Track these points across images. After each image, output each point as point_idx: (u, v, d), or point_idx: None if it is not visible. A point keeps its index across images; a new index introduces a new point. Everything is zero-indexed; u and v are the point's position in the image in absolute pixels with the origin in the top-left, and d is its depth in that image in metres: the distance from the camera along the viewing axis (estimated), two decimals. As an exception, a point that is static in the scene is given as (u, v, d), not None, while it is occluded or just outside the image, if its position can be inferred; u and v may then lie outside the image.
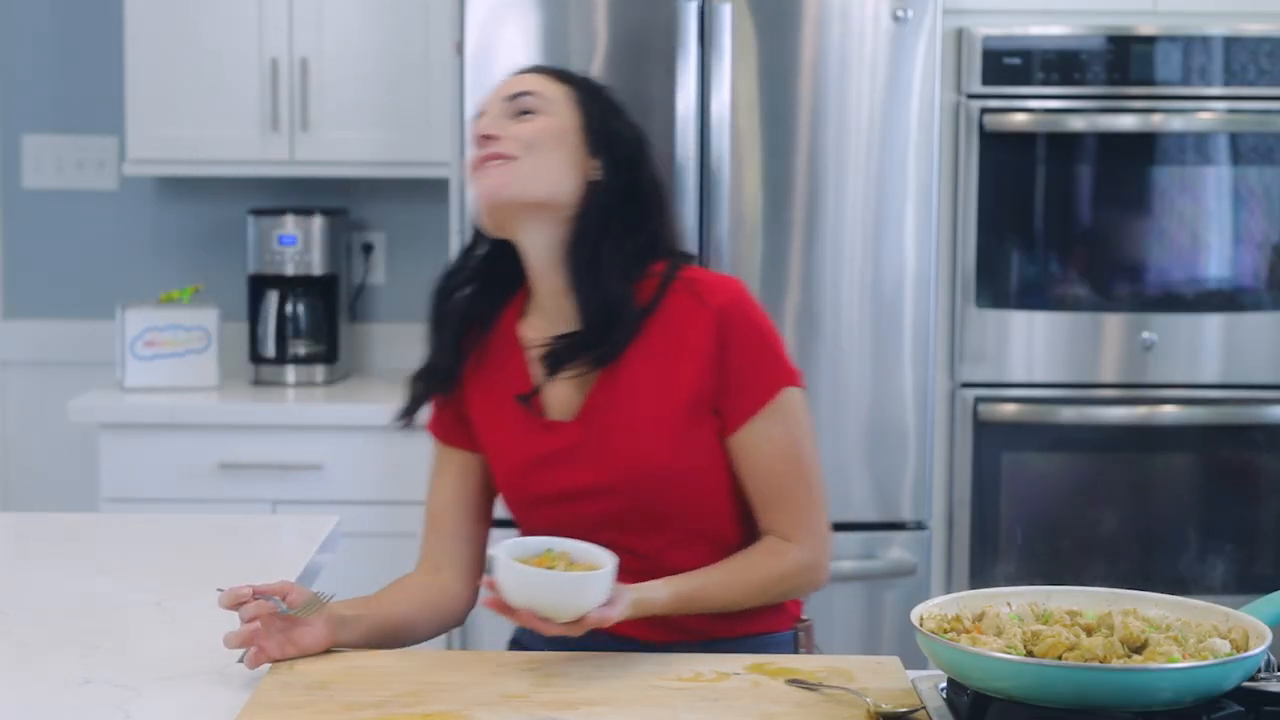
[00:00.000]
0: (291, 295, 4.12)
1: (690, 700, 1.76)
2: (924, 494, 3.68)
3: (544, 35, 3.58)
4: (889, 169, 3.63)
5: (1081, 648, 1.62)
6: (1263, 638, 1.64)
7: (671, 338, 2.09)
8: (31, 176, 4.38)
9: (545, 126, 2.11)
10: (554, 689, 1.79)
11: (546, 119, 2.12)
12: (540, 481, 2.13)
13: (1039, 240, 3.81)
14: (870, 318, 3.64)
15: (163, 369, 3.98)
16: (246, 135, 4.03)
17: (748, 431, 2.09)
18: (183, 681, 1.83)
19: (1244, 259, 3.82)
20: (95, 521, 2.71)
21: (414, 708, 1.72)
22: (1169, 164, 3.78)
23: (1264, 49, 3.75)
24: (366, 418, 3.82)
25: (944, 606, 1.76)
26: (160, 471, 3.80)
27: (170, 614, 2.11)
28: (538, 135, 2.10)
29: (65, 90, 4.35)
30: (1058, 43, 3.74)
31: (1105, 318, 3.80)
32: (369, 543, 3.79)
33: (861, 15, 3.60)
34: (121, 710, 1.73)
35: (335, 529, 2.61)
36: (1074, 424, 3.80)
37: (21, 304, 4.41)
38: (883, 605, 3.65)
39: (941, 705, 1.72)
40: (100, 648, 1.95)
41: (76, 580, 2.27)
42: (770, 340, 2.12)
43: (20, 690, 1.80)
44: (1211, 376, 3.81)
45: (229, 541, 2.54)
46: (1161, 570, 3.83)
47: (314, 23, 4.00)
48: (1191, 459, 3.83)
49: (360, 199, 4.35)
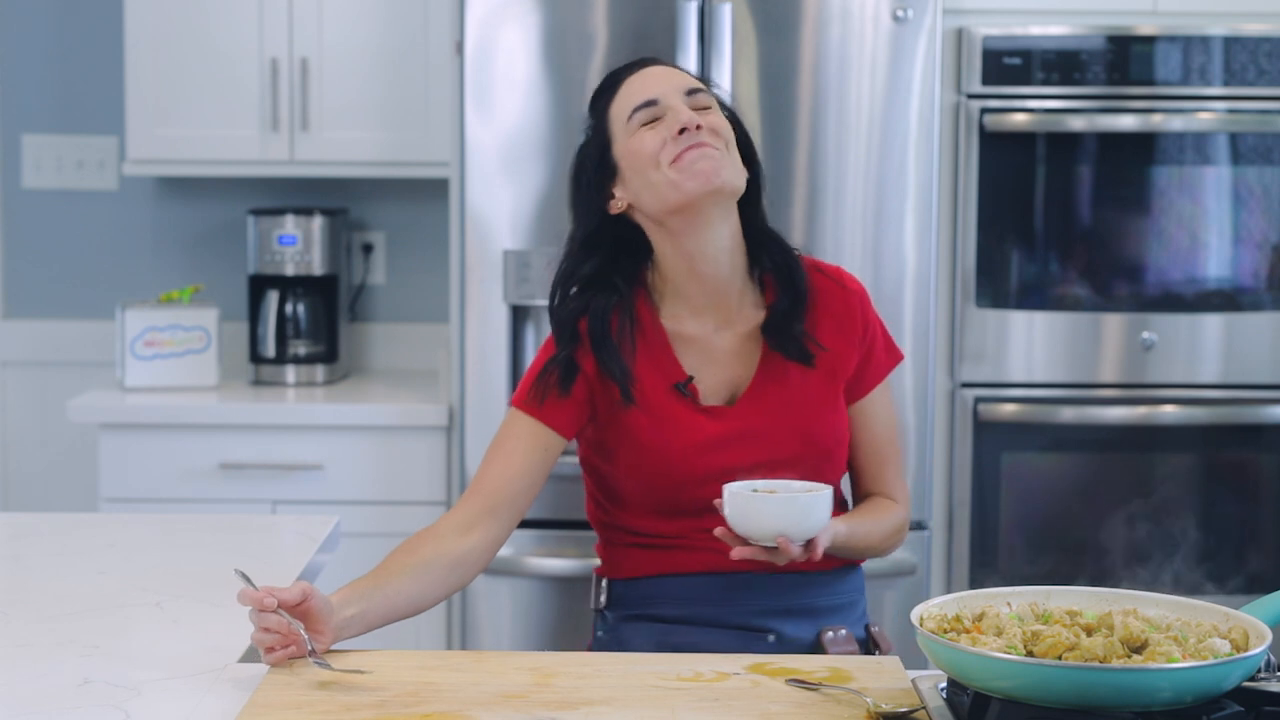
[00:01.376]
0: (291, 295, 4.12)
1: (690, 700, 1.76)
2: (924, 494, 3.68)
3: (544, 35, 3.59)
4: (889, 169, 3.63)
5: (1081, 648, 1.62)
6: (1263, 638, 1.64)
7: (821, 314, 2.29)
8: (31, 176, 4.38)
9: (726, 124, 2.24)
10: (554, 689, 1.79)
11: (722, 116, 2.25)
12: (706, 463, 2.21)
13: (1039, 240, 3.81)
14: (870, 318, 3.63)
15: (163, 369, 3.98)
16: (246, 135, 4.03)
17: (870, 400, 2.33)
18: (183, 681, 1.83)
19: (1244, 259, 3.81)
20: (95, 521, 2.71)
21: (413, 708, 1.72)
22: (1169, 164, 3.78)
23: (1264, 49, 3.75)
24: (366, 418, 3.82)
25: (944, 606, 1.76)
26: (160, 471, 3.80)
27: (170, 614, 2.11)
28: (727, 130, 2.23)
29: (65, 90, 4.35)
30: (1058, 43, 3.74)
31: (1105, 318, 3.80)
32: (369, 543, 3.79)
33: (861, 15, 3.60)
34: (121, 710, 1.73)
35: (335, 529, 2.61)
36: (1074, 424, 3.80)
37: (21, 304, 4.41)
38: (882, 605, 3.65)
39: (942, 705, 1.72)
40: (100, 648, 1.95)
41: (76, 580, 2.27)
42: (882, 323, 2.36)
43: (20, 690, 1.80)
44: (1211, 376, 3.81)
45: (229, 541, 2.54)
46: (1161, 570, 3.83)
47: (314, 22, 4.00)
48: (1191, 459, 3.83)
49: (360, 199, 4.35)
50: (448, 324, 4.12)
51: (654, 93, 2.22)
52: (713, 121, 2.21)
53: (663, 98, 2.22)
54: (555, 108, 3.60)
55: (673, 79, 2.25)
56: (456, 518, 2.18)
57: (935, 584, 3.77)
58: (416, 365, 4.34)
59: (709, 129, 2.19)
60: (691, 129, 2.18)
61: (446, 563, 2.13)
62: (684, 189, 2.17)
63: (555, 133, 3.60)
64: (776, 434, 2.23)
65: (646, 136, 2.21)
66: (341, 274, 4.20)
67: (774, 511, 2.02)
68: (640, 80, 2.26)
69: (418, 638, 3.76)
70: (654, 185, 2.20)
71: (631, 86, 2.25)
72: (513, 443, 2.24)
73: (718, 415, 2.25)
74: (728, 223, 2.23)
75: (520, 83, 3.59)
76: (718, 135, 2.20)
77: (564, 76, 3.61)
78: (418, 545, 2.14)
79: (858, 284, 2.34)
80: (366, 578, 2.07)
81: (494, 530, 2.19)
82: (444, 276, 4.12)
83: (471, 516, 2.18)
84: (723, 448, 2.22)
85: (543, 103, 3.60)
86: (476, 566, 2.18)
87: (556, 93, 3.60)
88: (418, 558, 2.12)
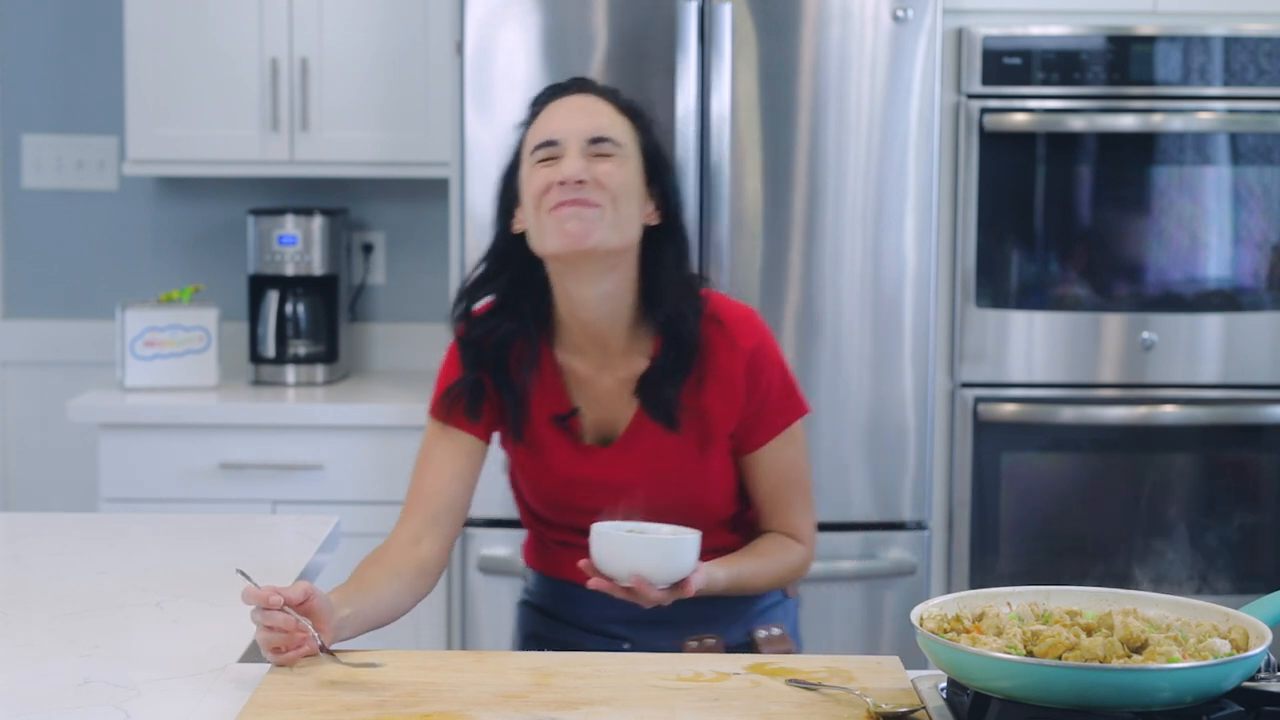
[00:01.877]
0: (291, 295, 4.12)
1: (690, 700, 1.76)
2: (924, 494, 3.68)
3: (544, 35, 3.59)
4: (889, 169, 3.63)
5: (1081, 648, 1.62)
6: (1263, 638, 1.64)
7: (706, 373, 2.25)
8: (31, 176, 4.38)
9: (625, 177, 2.20)
10: (554, 689, 1.79)
11: (623, 167, 2.20)
12: (577, 498, 2.26)
13: (1039, 240, 3.81)
14: (870, 318, 3.64)
15: (163, 369, 3.98)
16: (246, 135, 4.03)
17: (766, 451, 2.30)
18: (182, 681, 1.83)
19: (1244, 259, 3.81)
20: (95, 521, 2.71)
21: (413, 708, 1.72)
22: (1169, 164, 3.78)
23: (1264, 49, 3.75)
24: (366, 418, 3.82)
25: (944, 606, 1.76)
26: (160, 471, 3.80)
27: (170, 614, 2.11)
28: (622, 186, 2.18)
29: (65, 90, 4.35)
30: (1057, 43, 3.74)
31: (1105, 318, 3.80)
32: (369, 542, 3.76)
33: (861, 15, 3.60)
34: (121, 710, 1.73)
35: (335, 529, 2.61)
36: (1074, 424, 3.80)
37: (21, 304, 4.41)
38: (883, 605, 3.65)
39: (941, 705, 1.72)
40: (100, 648, 1.96)
41: (76, 580, 2.27)
42: (788, 377, 2.32)
43: (20, 690, 1.80)
44: (1211, 376, 3.81)
45: (229, 541, 2.54)
46: (1161, 570, 3.82)
47: (314, 23, 4.00)
48: (1191, 459, 3.83)
49: (360, 199, 4.35)
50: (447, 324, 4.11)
51: (558, 133, 2.20)
52: (602, 175, 2.17)
53: (563, 140, 2.19)
54: (555, 108, 3.60)
55: (582, 121, 2.20)
56: (403, 534, 2.23)
57: (935, 584, 3.77)
58: (416, 365, 4.34)
59: (594, 184, 2.16)
60: (570, 184, 2.15)
61: (410, 571, 2.18)
62: (549, 244, 2.17)
63: (555, 133, 3.59)
64: (646, 482, 2.24)
65: (538, 175, 2.19)
66: (341, 274, 4.20)
67: (633, 554, 2.05)
68: (555, 112, 2.23)
69: (418, 638, 3.76)
70: (534, 225, 2.20)
71: (546, 116, 2.23)
72: (438, 453, 2.28)
73: (591, 455, 2.27)
74: (609, 276, 2.20)
75: (520, 83, 3.59)
76: (603, 190, 2.16)
77: (564, 76, 3.59)
78: (380, 557, 2.20)
79: (752, 339, 2.27)
80: (347, 585, 2.10)
81: (440, 538, 2.24)
82: (444, 276, 4.12)
83: (417, 530, 2.23)
84: (593, 487, 2.24)
85: (543, 103, 3.60)
86: (437, 570, 2.24)
87: (556, 93, 3.60)
88: (386, 567, 2.17)
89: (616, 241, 2.18)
